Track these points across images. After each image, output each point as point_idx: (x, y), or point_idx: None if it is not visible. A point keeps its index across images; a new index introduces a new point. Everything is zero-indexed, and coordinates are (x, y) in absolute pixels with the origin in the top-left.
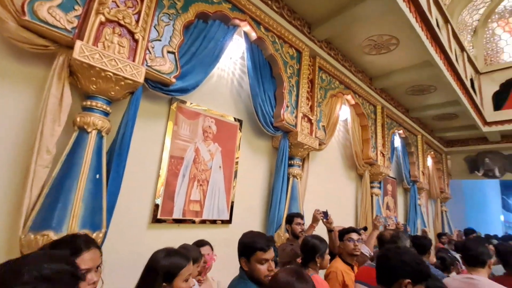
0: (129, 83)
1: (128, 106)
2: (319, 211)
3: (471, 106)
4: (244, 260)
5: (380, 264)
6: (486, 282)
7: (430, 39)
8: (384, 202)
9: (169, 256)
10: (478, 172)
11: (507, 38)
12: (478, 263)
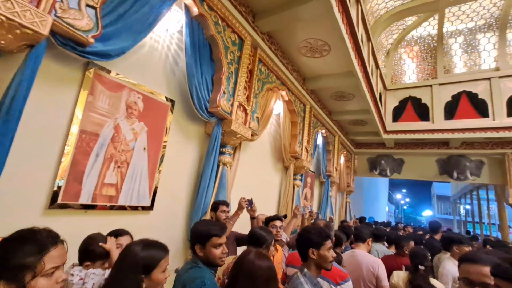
0: (27, 33)
1: (24, 63)
2: (244, 199)
3: (378, 116)
4: (199, 247)
5: (297, 244)
6: (361, 253)
7: (355, 52)
8: (303, 193)
9: (147, 248)
10: (375, 171)
11: (409, 63)
12: (359, 239)
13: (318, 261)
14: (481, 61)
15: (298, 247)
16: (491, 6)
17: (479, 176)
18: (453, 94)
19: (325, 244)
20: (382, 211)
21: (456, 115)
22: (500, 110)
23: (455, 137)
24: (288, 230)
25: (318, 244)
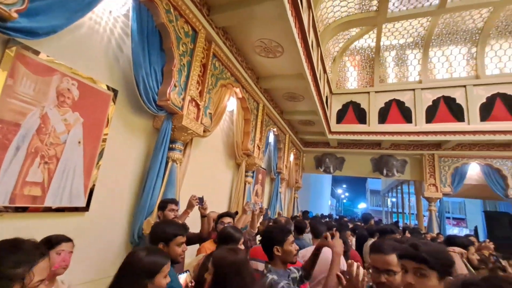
0: None
1: None
2: (195, 197)
3: (324, 117)
4: (162, 245)
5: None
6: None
7: (305, 56)
8: (255, 190)
9: (150, 254)
10: (321, 168)
11: (352, 71)
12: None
13: (283, 257)
14: (408, 74)
15: (263, 247)
16: (418, 26)
17: (403, 173)
18: (385, 101)
19: (288, 239)
20: (325, 205)
21: (388, 120)
22: (421, 117)
23: (386, 139)
24: (237, 226)
25: (281, 241)
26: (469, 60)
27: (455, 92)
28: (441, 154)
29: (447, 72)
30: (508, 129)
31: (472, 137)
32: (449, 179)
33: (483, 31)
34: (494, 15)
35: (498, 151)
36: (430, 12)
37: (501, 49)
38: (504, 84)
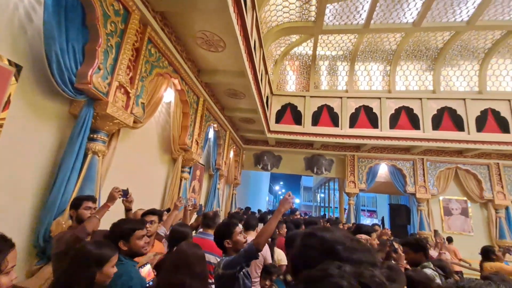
0: None
1: None
2: (117, 189)
3: (264, 116)
4: (123, 242)
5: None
6: None
7: (247, 54)
8: (191, 186)
9: (99, 247)
10: (259, 166)
11: (291, 75)
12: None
13: (234, 247)
14: (338, 83)
15: (216, 243)
16: (347, 41)
17: (330, 171)
18: (318, 106)
19: (235, 231)
20: (263, 201)
21: (319, 123)
22: (346, 123)
23: (317, 140)
24: (168, 223)
25: (230, 234)
26: (384, 76)
27: (373, 103)
28: (360, 155)
29: (368, 85)
30: (408, 136)
31: (383, 142)
32: (365, 177)
33: (396, 53)
34: (405, 39)
35: (401, 154)
36: (357, 30)
37: (407, 70)
38: (408, 99)
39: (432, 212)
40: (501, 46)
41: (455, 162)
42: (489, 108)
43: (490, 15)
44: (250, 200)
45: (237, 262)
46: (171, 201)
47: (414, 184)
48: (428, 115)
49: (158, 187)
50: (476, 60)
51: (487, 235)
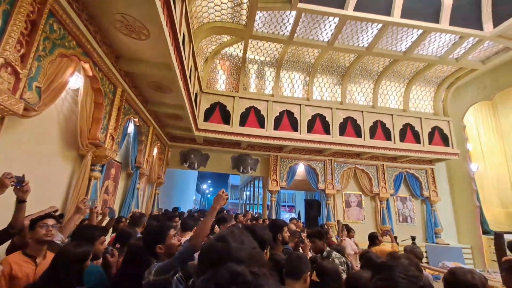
0: None
1: None
2: (10, 174)
3: (191, 114)
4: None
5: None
6: None
7: (174, 47)
8: (104, 186)
9: (79, 246)
10: (186, 164)
11: (221, 74)
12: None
13: (167, 252)
14: (265, 87)
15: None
16: (274, 49)
17: (255, 170)
18: (246, 107)
19: (169, 234)
20: (190, 200)
21: (247, 124)
22: (271, 125)
23: (244, 140)
24: (67, 228)
25: (163, 238)
26: (304, 85)
27: (294, 108)
28: (282, 155)
29: (290, 92)
30: (321, 140)
31: (302, 144)
32: (286, 176)
33: (314, 66)
34: (321, 55)
35: (315, 156)
36: (283, 40)
37: (322, 82)
38: (322, 107)
39: (336, 205)
40: (389, 71)
41: (354, 163)
42: (378, 120)
43: (382, 45)
44: (176, 199)
45: (171, 266)
46: (77, 202)
47: (324, 181)
48: (336, 123)
49: (58, 188)
50: (372, 80)
51: (374, 222)
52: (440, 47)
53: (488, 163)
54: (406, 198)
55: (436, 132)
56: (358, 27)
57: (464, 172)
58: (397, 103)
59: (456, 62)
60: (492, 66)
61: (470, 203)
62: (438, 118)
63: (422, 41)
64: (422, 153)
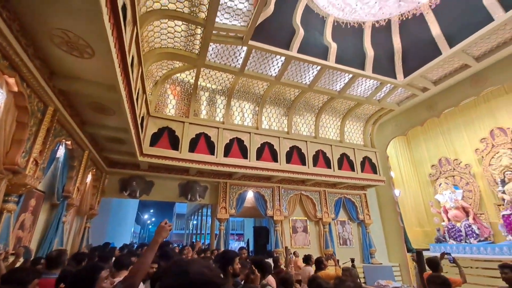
0: None
1: None
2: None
3: (136, 138)
4: None
5: None
6: None
7: (122, 69)
8: (18, 221)
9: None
10: (126, 192)
11: (171, 99)
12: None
13: None
14: (216, 114)
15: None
16: (226, 79)
17: (204, 198)
18: (196, 133)
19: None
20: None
21: (196, 150)
22: (221, 151)
23: (193, 167)
24: None
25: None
26: (254, 114)
27: (244, 136)
28: (232, 182)
29: (241, 120)
30: (270, 168)
31: (251, 171)
32: (235, 203)
33: (263, 97)
34: (269, 88)
35: (264, 182)
36: (234, 72)
37: (271, 112)
38: (270, 136)
39: (284, 231)
40: (327, 106)
41: (300, 189)
42: (320, 150)
43: (321, 83)
44: (110, 233)
45: None
46: None
47: (272, 208)
48: (283, 151)
49: None
50: (314, 113)
51: (318, 246)
52: (366, 89)
53: (407, 188)
54: (345, 221)
55: (366, 161)
56: (302, 67)
57: (390, 197)
58: (335, 135)
59: (378, 103)
60: (405, 107)
61: (396, 225)
62: (367, 149)
63: (352, 84)
64: (356, 180)
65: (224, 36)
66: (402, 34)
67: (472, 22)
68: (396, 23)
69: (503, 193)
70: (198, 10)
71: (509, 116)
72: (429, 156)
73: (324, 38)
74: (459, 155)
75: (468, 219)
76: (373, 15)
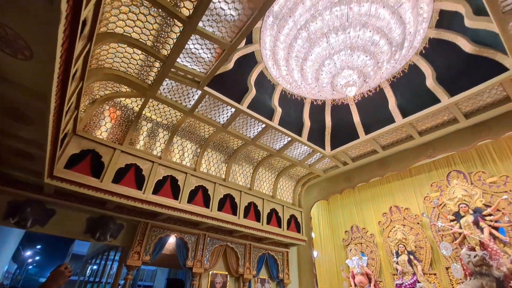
0: None
1: None
2: None
3: (50, 156)
4: None
5: None
6: None
7: (60, 80)
8: None
9: None
10: (13, 219)
11: (107, 121)
12: None
13: None
14: (154, 147)
15: None
16: (173, 116)
17: (116, 238)
18: (127, 163)
19: None
20: None
21: (122, 182)
22: (151, 188)
23: (113, 200)
24: None
25: None
26: (194, 156)
27: (179, 175)
28: (154, 224)
29: (180, 159)
30: (201, 213)
31: (179, 214)
32: (152, 248)
33: (207, 140)
34: (214, 133)
35: (191, 228)
36: (184, 110)
37: (212, 157)
38: (206, 180)
39: (201, 286)
40: (265, 162)
41: (227, 240)
42: (252, 202)
43: (264, 140)
44: None
45: None
46: None
47: (193, 258)
48: (217, 197)
49: None
50: (252, 166)
51: None
52: (300, 153)
53: (324, 250)
54: (265, 279)
55: (292, 219)
56: (249, 121)
57: (309, 257)
58: (268, 189)
59: (309, 167)
60: (329, 176)
61: (311, 287)
62: (294, 208)
63: (290, 146)
64: (282, 237)
65: (182, 76)
66: (332, 115)
67: (382, 119)
68: (329, 105)
69: (397, 263)
70: (161, 46)
71: (403, 197)
72: (344, 222)
73: (272, 102)
74: (367, 225)
75: (370, 285)
76: (313, 95)
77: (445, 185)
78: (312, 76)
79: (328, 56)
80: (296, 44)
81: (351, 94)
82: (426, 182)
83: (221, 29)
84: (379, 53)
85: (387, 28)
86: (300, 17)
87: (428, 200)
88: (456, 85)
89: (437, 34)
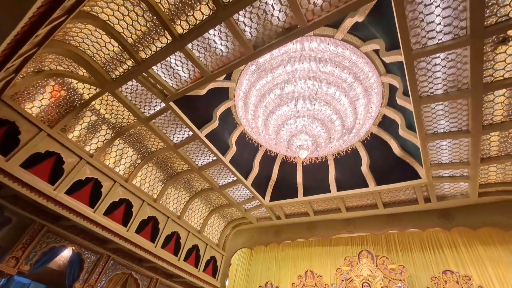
0: None
1: None
2: None
3: None
4: None
5: None
6: None
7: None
8: None
9: None
10: None
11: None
12: None
13: None
14: (90, 142)
15: None
16: (126, 117)
17: None
18: (48, 150)
19: None
20: None
21: (33, 169)
22: (66, 186)
23: (12, 187)
24: None
25: None
26: (131, 165)
27: (106, 181)
28: (53, 228)
29: (113, 164)
30: (113, 229)
31: (89, 225)
32: (38, 257)
33: (151, 154)
34: (163, 150)
35: (95, 245)
36: (139, 116)
37: (149, 172)
38: (135, 195)
39: None
40: (204, 194)
41: (132, 269)
42: (177, 232)
43: (210, 172)
44: None
45: None
46: None
47: (85, 281)
48: (140, 217)
49: None
50: (189, 194)
51: None
52: (240, 196)
53: None
54: None
55: (212, 262)
56: (202, 149)
57: None
58: (197, 223)
59: (244, 211)
60: (261, 225)
61: None
62: (218, 250)
63: (233, 185)
64: (195, 278)
65: (151, 83)
66: (280, 169)
67: (320, 186)
68: (280, 159)
69: None
70: (142, 49)
71: (319, 264)
72: (261, 276)
73: (230, 139)
74: (281, 283)
75: None
76: (269, 145)
77: (356, 261)
78: (273, 129)
79: (292, 117)
80: (269, 96)
81: (302, 156)
82: (341, 254)
83: (207, 58)
84: (333, 130)
85: (343, 112)
86: (279, 76)
87: (340, 272)
88: (383, 177)
89: (377, 131)
